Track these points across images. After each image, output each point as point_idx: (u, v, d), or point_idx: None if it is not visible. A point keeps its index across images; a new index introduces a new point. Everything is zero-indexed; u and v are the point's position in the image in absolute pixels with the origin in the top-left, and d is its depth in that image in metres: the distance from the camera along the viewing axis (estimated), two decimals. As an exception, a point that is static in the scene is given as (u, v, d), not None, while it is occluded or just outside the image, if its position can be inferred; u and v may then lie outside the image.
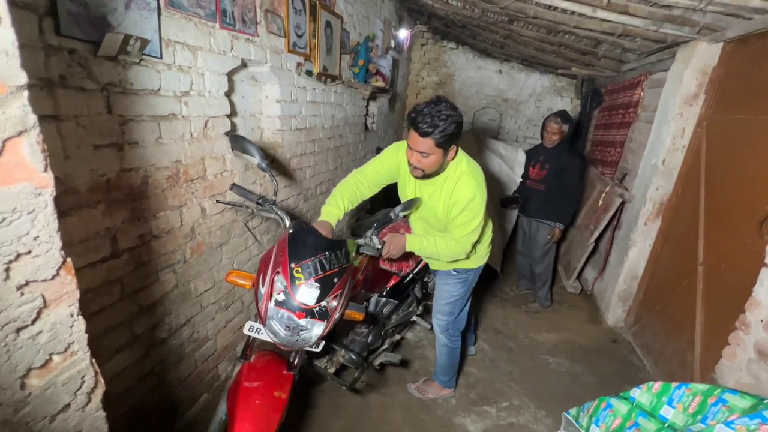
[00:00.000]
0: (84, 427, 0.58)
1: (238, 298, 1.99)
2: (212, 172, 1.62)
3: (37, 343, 0.49)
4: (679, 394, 1.23)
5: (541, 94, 5.11)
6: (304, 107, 2.39)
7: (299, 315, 1.16)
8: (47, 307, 0.50)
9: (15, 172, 0.44)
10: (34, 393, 0.50)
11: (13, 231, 0.45)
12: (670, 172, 2.53)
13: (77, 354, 0.55)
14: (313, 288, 1.18)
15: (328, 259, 1.26)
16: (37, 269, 0.48)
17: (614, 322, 2.93)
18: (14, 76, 0.43)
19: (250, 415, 1.12)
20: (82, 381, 0.56)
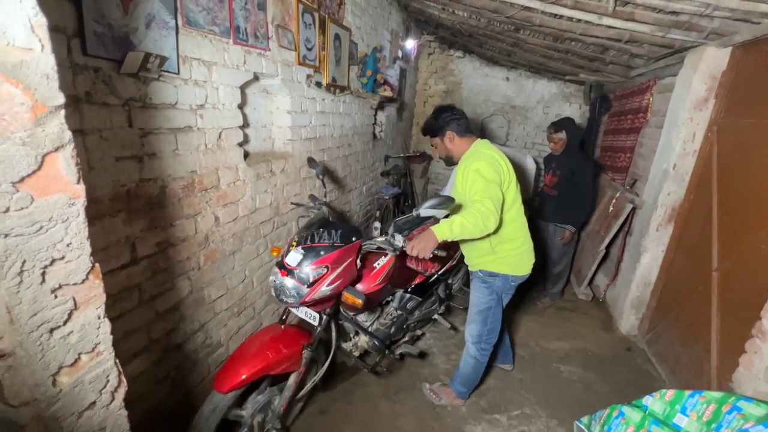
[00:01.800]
0: (108, 424, 0.61)
1: (250, 305, 2.03)
2: (225, 182, 1.67)
3: (68, 343, 0.53)
4: (693, 402, 1.21)
5: (549, 101, 5.11)
6: (314, 117, 2.45)
7: (282, 273, 1.42)
8: (77, 309, 0.54)
9: (52, 184, 0.48)
10: (64, 390, 0.53)
11: (49, 238, 0.49)
12: (681, 177, 2.50)
13: (103, 354, 0.59)
14: (298, 253, 1.43)
15: (320, 234, 1.50)
16: (69, 274, 0.52)
17: (627, 330, 2.88)
18: (53, 97, 0.47)
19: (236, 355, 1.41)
20: (107, 380, 0.60)
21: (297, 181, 2.33)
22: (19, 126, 0.45)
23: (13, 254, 0.45)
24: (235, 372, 1.34)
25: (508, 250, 1.76)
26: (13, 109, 0.44)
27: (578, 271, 3.51)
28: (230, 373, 1.34)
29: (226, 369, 1.36)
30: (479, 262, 1.82)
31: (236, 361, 1.37)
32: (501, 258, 1.76)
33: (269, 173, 2.01)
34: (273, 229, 2.14)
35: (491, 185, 1.54)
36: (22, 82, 0.45)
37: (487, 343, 1.92)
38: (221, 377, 1.34)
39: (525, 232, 1.82)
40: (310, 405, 1.99)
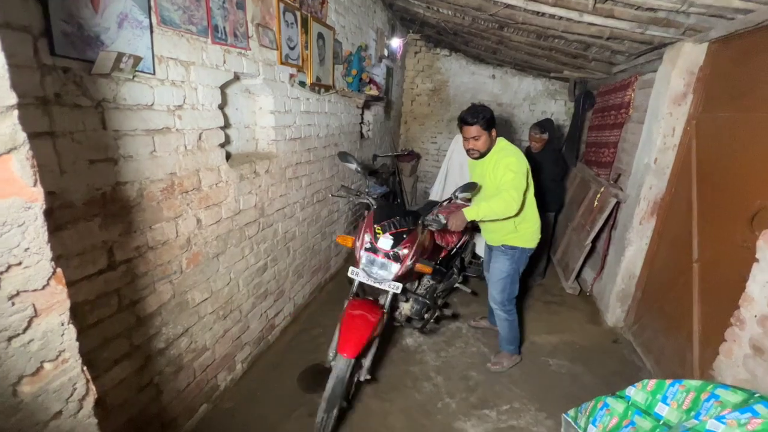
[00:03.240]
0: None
1: (236, 308, 2.00)
2: (207, 183, 1.65)
3: (28, 352, 0.51)
4: (674, 391, 1.23)
5: (535, 98, 5.16)
6: (298, 117, 2.43)
7: (380, 255, 1.83)
8: (38, 317, 0.52)
9: (5, 187, 0.47)
10: (25, 400, 0.52)
11: (4, 243, 0.47)
12: (662, 171, 2.55)
13: (68, 362, 0.57)
14: (389, 239, 1.83)
15: (399, 222, 1.94)
16: (28, 280, 0.50)
17: (614, 322, 2.92)
18: (4, 97, 0.46)
19: (350, 325, 1.67)
20: (73, 388, 0.58)
21: (282, 181, 2.31)
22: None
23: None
24: (357, 339, 1.61)
25: (526, 228, 2.16)
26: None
27: (566, 265, 3.55)
28: (352, 340, 1.60)
29: (347, 339, 1.61)
30: (503, 239, 2.18)
31: (352, 330, 1.64)
32: (521, 234, 2.15)
33: (253, 174, 1.99)
34: (258, 230, 2.11)
35: (518, 176, 1.94)
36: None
37: (510, 304, 2.28)
38: (346, 346, 1.59)
39: (537, 214, 2.20)
40: (298, 408, 1.98)
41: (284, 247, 2.44)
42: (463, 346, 2.60)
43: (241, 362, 2.11)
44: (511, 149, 2.06)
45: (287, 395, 2.05)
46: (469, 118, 1.98)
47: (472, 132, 1.99)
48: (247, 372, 2.17)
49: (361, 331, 1.64)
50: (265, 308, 2.31)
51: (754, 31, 1.87)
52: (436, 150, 5.71)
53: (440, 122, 5.59)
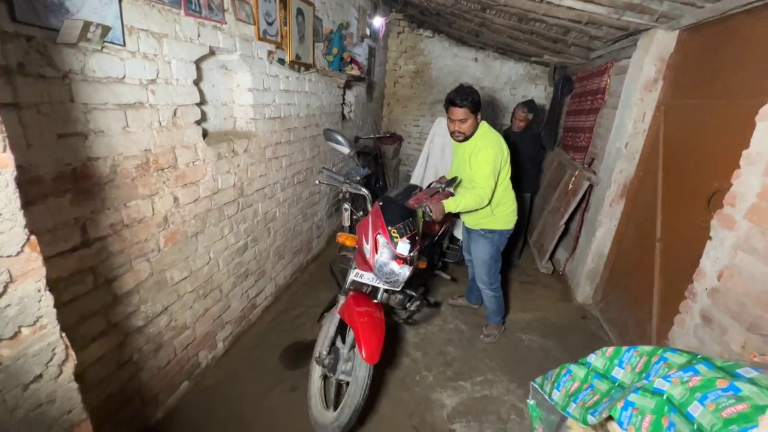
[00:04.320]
0: (57, 396, 0.61)
1: (216, 287, 2.01)
2: (183, 161, 1.62)
3: (5, 316, 0.52)
4: (629, 356, 1.34)
5: (516, 82, 5.21)
6: (278, 96, 2.39)
7: (399, 262, 1.68)
8: (14, 282, 0.53)
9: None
10: (5, 363, 0.53)
11: (-25, 208, 0.47)
12: (632, 155, 2.66)
13: (47, 327, 0.58)
14: (407, 243, 1.69)
15: (412, 223, 1.81)
16: (2, 245, 0.51)
17: (583, 300, 3.08)
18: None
19: (369, 328, 1.56)
20: (53, 353, 0.59)
21: (262, 161, 2.29)
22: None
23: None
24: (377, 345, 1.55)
25: (502, 212, 2.24)
26: None
27: (540, 247, 3.69)
28: (372, 346, 1.53)
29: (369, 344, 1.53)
30: (481, 222, 2.26)
31: (370, 334, 1.56)
32: (497, 218, 2.24)
33: (231, 153, 1.96)
34: (238, 210, 2.10)
35: (494, 170, 2.02)
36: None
37: (496, 282, 2.43)
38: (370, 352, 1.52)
39: (513, 196, 2.28)
40: (280, 384, 2.03)
41: (265, 228, 2.44)
42: (441, 324, 2.70)
43: (222, 341, 2.13)
44: (490, 137, 2.08)
45: (269, 372, 2.10)
46: (458, 100, 1.95)
47: (459, 114, 1.98)
48: (228, 350, 2.20)
49: (378, 333, 1.58)
50: (246, 288, 2.32)
51: (721, 20, 1.95)
52: (418, 133, 5.71)
53: (423, 105, 5.58)
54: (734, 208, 1.57)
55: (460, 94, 1.96)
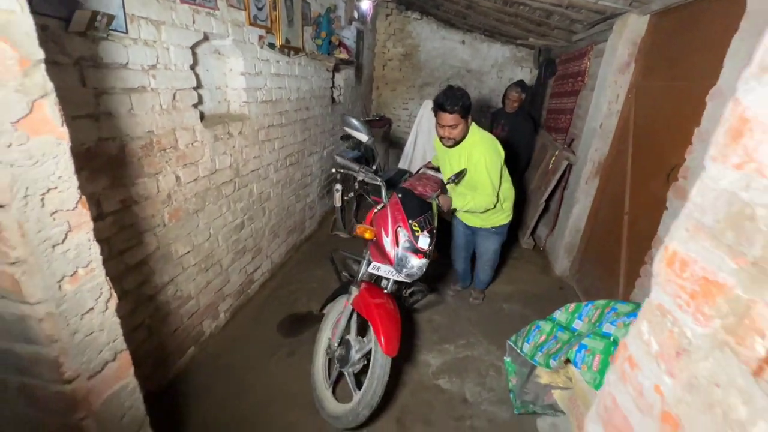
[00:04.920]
0: (105, 327, 0.76)
1: (217, 262, 2.15)
2: (183, 143, 1.73)
3: (67, 258, 0.66)
4: (587, 310, 1.53)
5: (502, 65, 5.30)
6: (269, 80, 2.47)
7: (419, 256, 1.69)
8: (72, 231, 0.66)
9: (42, 126, 0.59)
10: (68, 295, 0.67)
11: (44, 171, 0.60)
12: (606, 135, 2.82)
13: (95, 271, 0.72)
14: (427, 237, 1.70)
15: (431, 216, 1.82)
16: (63, 201, 0.64)
17: (561, 272, 3.30)
18: (35, 52, 0.57)
19: (387, 320, 1.55)
20: (100, 291, 0.73)
21: (256, 143, 2.40)
22: (11, 76, 0.55)
23: (18, 181, 0.57)
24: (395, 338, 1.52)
25: (508, 206, 2.32)
26: (5, 62, 0.54)
27: (523, 223, 3.88)
28: (392, 339, 1.50)
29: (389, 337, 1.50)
30: (494, 220, 2.30)
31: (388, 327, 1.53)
32: (505, 211, 2.31)
33: (227, 135, 2.07)
34: (234, 189, 2.22)
35: (496, 184, 2.05)
36: (9, 40, 0.54)
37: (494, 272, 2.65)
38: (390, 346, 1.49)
39: (512, 186, 2.33)
40: (279, 350, 2.20)
41: (260, 207, 2.57)
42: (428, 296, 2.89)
43: (223, 312, 2.29)
44: (485, 144, 2.00)
45: (268, 340, 2.27)
46: (447, 105, 1.83)
47: (449, 120, 1.87)
48: (229, 321, 2.36)
49: (396, 325, 1.57)
50: (244, 264, 2.46)
51: (685, 5, 2.08)
52: (407, 116, 5.80)
53: (412, 88, 5.66)
54: (686, 180, 1.75)
55: (450, 98, 1.83)
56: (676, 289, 0.53)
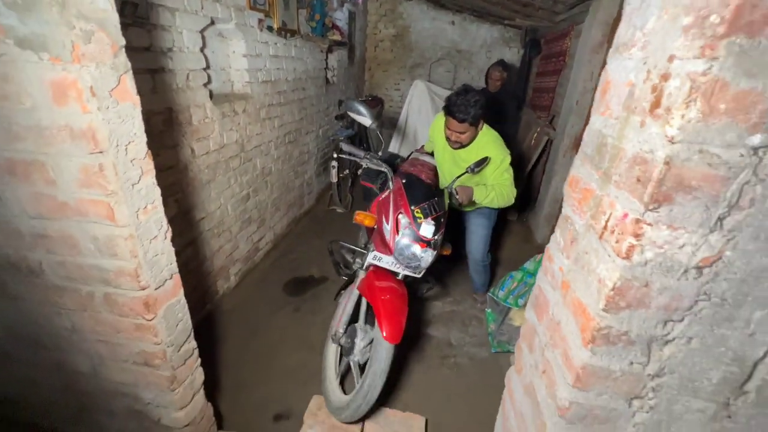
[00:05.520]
0: (165, 252, 0.99)
1: (227, 229, 2.38)
2: (197, 119, 1.93)
3: (141, 194, 0.89)
4: (550, 258, 1.80)
5: (491, 45, 5.45)
6: (268, 61, 2.65)
7: (422, 245, 1.51)
8: (143, 175, 0.89)
9: (125, 95, 0.81)
10: (142, 223, 0.90)
11: (127, 128, 0.83)
12: (582, 111, 3.05)
13: (157, 208, 0.95)
14: (431, 225, 1.51)
15: (438, 204, 1.65)
16: (138, 152, 0.86)
17: (542, 240, 3.58)
18: (120, 40, 0.78)
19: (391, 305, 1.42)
20: (161, 224, 0.97)
21: (258, 121, 2.59)
22: (107, 57, 0.76)
23: (112, 134, 0.79)
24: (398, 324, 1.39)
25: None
26: (103, 47, 0.75)
27: (508, 198, 4.15)
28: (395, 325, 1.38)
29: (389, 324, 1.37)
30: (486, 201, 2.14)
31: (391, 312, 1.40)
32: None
33: (233, 113, 2.26)
34: (240, 163, 2.43)
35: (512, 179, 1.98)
36: (105, 30, 0.76)
37: (487, 257, 2.45)
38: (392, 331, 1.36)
39: None
40: (285, 306, 2.47)
41: (263, 181, 2.79)
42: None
43: (234, 275, 2.54)
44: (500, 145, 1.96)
45: (275, 299, 2.53)
46: (458, 114, 1.76)
47: (458, 127, 1.82)
48: (239, 283, 2.61)
49: (401, 311, 1.43)
50: (251, 233, 2.70)
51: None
52: (399, 97, 5.96)
53: (403, 69, 5.79)
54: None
55: (462, 104, 1.76)
56: (572, 200, 0.79)
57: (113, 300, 0.98)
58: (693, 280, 0.57)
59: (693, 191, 0.51)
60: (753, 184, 0.50)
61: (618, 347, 0.64)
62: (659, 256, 0.56)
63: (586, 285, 0.68)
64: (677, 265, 0.56)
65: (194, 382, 1.23)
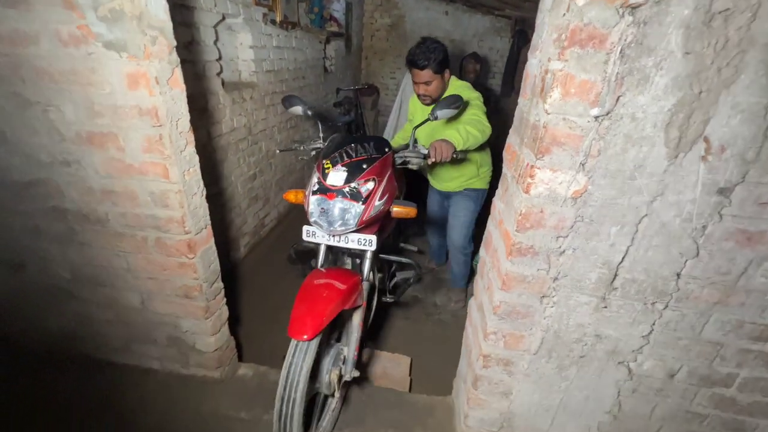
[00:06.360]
0: (201, 206, 1.28)
1: (237, 205, 2.66)
2: (211, 105, 2.20)
3: (185, 159, 1.17)
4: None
5: (483, 35, 5.66)
6: (272, 52, 2.89)
7: (330, 196, 1.25)
8: (187, 145, 1.17)
9: (176, 83, 1.09)
10: (187, 181, 1.18)
11: (177, 107, 1.10)
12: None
13: (197, 171, 1.23)
14: (340, 171, 1.29)
15: (354, 149, 1.39)
16: (183, 126, 1.14)
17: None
18: (173, 41, 1.06)
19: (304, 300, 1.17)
20: (199, 184, 1.26)
21: (263, 107, 2.85)
22: (164, 55, 1.04)
23: (168, 112, 1.07)
24: (311, 315, 1.12)
25: (485, 172, 2.16)
26: (162, 47, 1.03)
27: (495, 180, 4.43)
28: (307, 317, 1.11)
29: (299, 316, 1.12)
30: (466, 183, 2.12)
31: (307, 304, 1.16)
32: (482, 178, 2.15)
33: (241, 99, 2.53)
34: (248, 146, 2.70)
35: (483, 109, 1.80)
36: (164, 35, 1.03)
37: (469, 245, 2.31)
38: (298, 325, 1.11)
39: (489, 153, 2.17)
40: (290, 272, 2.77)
41: (267, 163, 3.06)
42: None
43: (243, 246, 2.83)
44: (470, 88, 1.85)
45: (280, 267, 2.82)
46: (419, 61, 1.69)
47: (423, 76, 1.73)
48: (247, 254, 2.91)
49: (323, 301, 1.16)
50: (257, 209, 2.98)
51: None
52: (395, 85, 6.18)
53: (399, 57, 6.00)
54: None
55: (422, 51, 1.70)
56: (506, 161, 1.08)
57: (163, 243, 1.27)
58: (570, 206, 0.86)
59: (562, 145, 0.80)
60: (598, 140, 0.79)
61: (528, 258, 0.94)
62: (547, 190, 0.85)
63: (510, 217, 0.97)
64: (559, 197, 0.86)
65: (221, 315, 1.53)
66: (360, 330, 1.36)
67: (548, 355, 1.07)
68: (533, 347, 1.06)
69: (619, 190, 0.82)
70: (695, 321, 0.95)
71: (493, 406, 1.20)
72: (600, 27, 0.69)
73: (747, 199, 0.79)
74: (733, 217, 0.81)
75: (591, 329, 1.01)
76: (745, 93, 0.70)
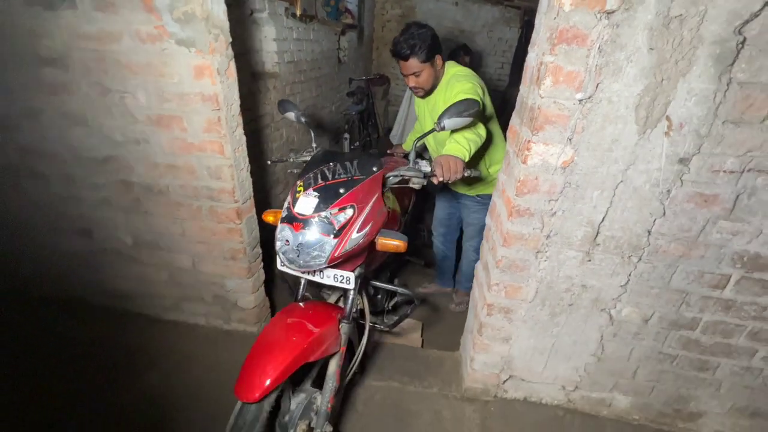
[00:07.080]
0: (247, 179, 1.50)
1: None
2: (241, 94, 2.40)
3: (236, 139, 1.38)
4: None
5: (492, 25, 5.76)
6: (292, 44, 3.08)
7: (296, 226, 1.04)
8: (238, 126, 1.38)
9: (231, 74, 1.30)
10: (237, 158, 1.40)
11: (232, 94, 1.32)
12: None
13: (244, 149, 1.45)
14: (311, 197, 1.08)
15: (332, 170, 1.15)
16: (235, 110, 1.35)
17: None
18: (228, 39, 1.27)
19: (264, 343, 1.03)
20: (246, 160, 1.47)
21: (284, 96, 3.05)
22: (223, 49, 1.25)
23: (226, 98, 1.28)
24: (262, 371, 0.96)
25: (496, 171, 1.78)
26: (222, 43, 1.23)
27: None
28: (257, 373, 0.96)
29: (249, 371, 0.98)
30: (478, 188, 1.93)
31: (260, 357, 0.99)
32: (492, 179, 1.84)
33: (265, 89, 2.73)
34: (271, 132, 2.91)
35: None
36: (223, 34, 1.23)
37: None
38: (245, 383, 0.96)
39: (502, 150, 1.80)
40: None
41: (288, 149, 3.27)
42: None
43: (266, 226, 3.06)
44: (464, 74, 1.63)
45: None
46: (402, 50, 1.51)
47: (409, 67, 1.55)
48: (270, 234, 3.14)
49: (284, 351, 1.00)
50: (279, 192, 3.21)
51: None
52: (405, 75, 6.31)
53: (409, 48, 6.12)
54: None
55: (404, 40, 1.51)
56: (510, 139, 1.27)
57: (215, 211, 1.50)
58: (560, 174, 1.06)
59: (553, 124, 0.99)
60: (582, 119, 0.98)
61: (525, 218, 1.14)
62: (541, 161, 1.05)
63: (511, 185, 1.17)
64: (551, 167, 1.05)
65: (260, 277, 1.76)
66: (336, 379, 1.17)
67: (542, 304, 1.28)
68: (529, 296, 1.27)
69: (599, 160, 1.02)
70: (664, 272, 1.14)
71: (495, 350, 1.41)
72: (582, 28, 0.88)
73: (702, 167, 0.97)
74: (692, 182, 1.00)
75: (578, 280, 1.21)
76: (698, 80, 0.88)
